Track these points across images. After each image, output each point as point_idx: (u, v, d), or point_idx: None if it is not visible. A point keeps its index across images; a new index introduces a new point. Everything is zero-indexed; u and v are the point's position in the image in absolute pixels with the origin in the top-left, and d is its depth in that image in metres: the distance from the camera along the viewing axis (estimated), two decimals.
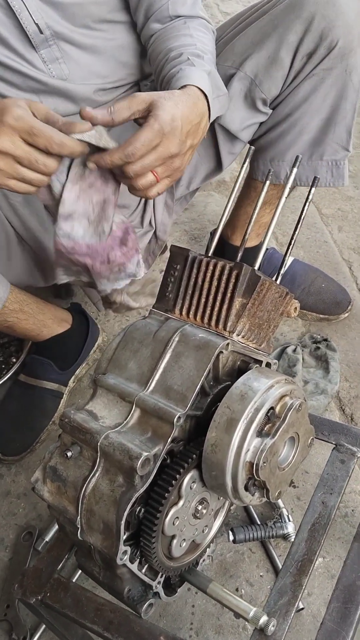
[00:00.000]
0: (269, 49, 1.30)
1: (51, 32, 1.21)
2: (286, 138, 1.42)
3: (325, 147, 1.42)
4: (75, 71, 1.28)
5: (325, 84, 1.33)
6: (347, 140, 1.42)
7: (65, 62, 1.25)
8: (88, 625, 0.89)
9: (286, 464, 0.86)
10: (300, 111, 1.38)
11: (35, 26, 1.19)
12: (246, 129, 1.42)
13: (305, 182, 1.47)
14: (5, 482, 1.50)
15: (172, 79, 1.15)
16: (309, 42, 1.26)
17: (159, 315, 0.92)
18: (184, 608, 1.23)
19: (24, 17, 1.17)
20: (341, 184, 1.48)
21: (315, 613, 1.20)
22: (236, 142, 1.46)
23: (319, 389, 1.56)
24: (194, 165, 1.53)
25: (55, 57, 1.24)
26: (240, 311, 0.86)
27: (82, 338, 1.68)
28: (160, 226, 1.61)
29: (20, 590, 0.96)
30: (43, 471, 0.85)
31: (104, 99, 1.35)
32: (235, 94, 1.36)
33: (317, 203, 2.24)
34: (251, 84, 1.34)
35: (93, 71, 1.30)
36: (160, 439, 0.79)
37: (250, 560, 1.29)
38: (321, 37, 1.25)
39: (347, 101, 1.36)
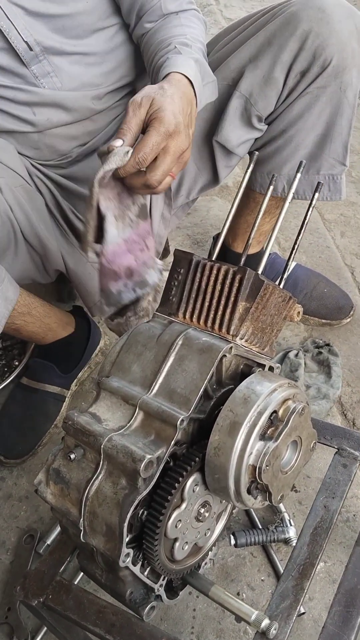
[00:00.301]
0: (263, 68, 1.31)
1: (41, 48, 1.22)
2: (282, 153, 1.43)
3: (322, 162, 1.43)
4: (68, 82, 1.29)
5: (319, 101, 1.32)
6: (343, 155, 1.42)
7: (57, 75, 1.27)
8: (90, 627, 0.89)
9: (289, 467, 0.87)
10: (296, 128, 1.38)
11: (25, 44, 1.21)
12: (242, 145, 1.43)
13: (302, 195, 1.47)
14: (7, 485, 1.50)
15: (160, 67, 1.16)
16: (303, 61, 1.26)
17: (162, 318, 0.92)
18: (185, 612, 1.23)
19: (13, 36, 1.19)
20: (338, 198, 1.49)
21: (317, 617, 1.20)
22: (233, 157, 1.47)
23: (321, 393, 1.56)
24: (192, 178, 1.54)
25: (47, 72, 1.26)
26: (244, 315, 0.87)
27: (84, 341, 1.69)
28: (156, 237, 1.61)
29: (22, 592, 0.96)
30: (46, 473, 0.85)
31: (100, 106, 1.36)
32: (231, 112, 1.36)
33: (320, 208, 2.25)
34: (246, 102, 1.35)
35: (86, 81, 1.31)
36: (164, 442, 0.79)
37: (252, 565, 1.29)
38: (314, 56, 1.25)
39: (343, 117, 1.35)
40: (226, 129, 1.38)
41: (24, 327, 1.46)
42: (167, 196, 1.55)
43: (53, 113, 1.30)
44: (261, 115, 1.36)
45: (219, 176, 1.53)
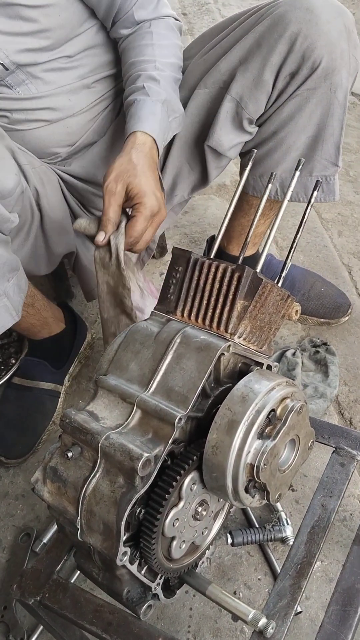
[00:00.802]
0: (253, 71, 1.30)
1: (16, 65, 1.23)
2: (273, 156, 1.42)
3: (314, 164, 1.41)
4: (43, 87, 1.29)
5: (310, 103, 1.31)
6: (335, 156, 1.41)
7: (32, 82, 1.27)
8: (86, 626, 0.89)
9: (287, 466, 0.87)
10: (286, 130, 1.37)
11: (1, 66, 1.21)
12: (233, 148, 1.42)
13: (295, 198, 1.47)
14: (4, 484, 1.49)
15: (128, 110, 1.25)
16: (292, 63, 1.25)
17: (160, 316, 0.92)
18: (181, 611, 1.22)
19: None
20: (332, 199, 1.48)
21: (313, 617, 1.20)
22: (223, 159, 1.47)
23: (318, 392, 1.56)
24: (185, 179, 1.54)
25: (21, 80, 1.26)
26: (242, 313, 0.86)
27: (73, 336, 1.69)
28: None
29: (18, 591, 0.96)
30: (43, 471, 0.85)
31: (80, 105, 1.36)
32: (223, 116, 1.35)
33: (317, 207, 2.25)
34: (237, 106, 1.34)
35: (62, 83, 1.31)
36: (161, 440, 0.79)
37: (249, 564, 1.29)
38: (304, 57, 1.23)
39: (334, 118, 1.34)
40: (217, 132, 1.37)
41: (24, 319, 1.45)
42: None
43: (30, 114, 1.30)
44: (252, 118, 1.36)
45: (209, 177, 1.53)
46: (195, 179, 1.55)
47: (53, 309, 1.62)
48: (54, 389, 1.64)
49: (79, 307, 1.89)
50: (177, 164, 1.51)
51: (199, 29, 3.51)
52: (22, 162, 1.29)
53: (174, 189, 1.55)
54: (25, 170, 1.30)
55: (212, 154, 1.44)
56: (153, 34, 1.28)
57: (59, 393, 1.65)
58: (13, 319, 1.19)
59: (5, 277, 1.15)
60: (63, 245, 1.46)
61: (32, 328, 1.54)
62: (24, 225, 1.32)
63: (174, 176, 1.53)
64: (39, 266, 1.46)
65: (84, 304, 1.92)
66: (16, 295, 1.20)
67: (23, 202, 1.25)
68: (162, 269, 1.99)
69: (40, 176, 1.35)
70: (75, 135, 1.39)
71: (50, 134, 1.36)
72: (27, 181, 1.31)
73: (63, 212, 1.43)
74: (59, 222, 1.41)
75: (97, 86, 1.39)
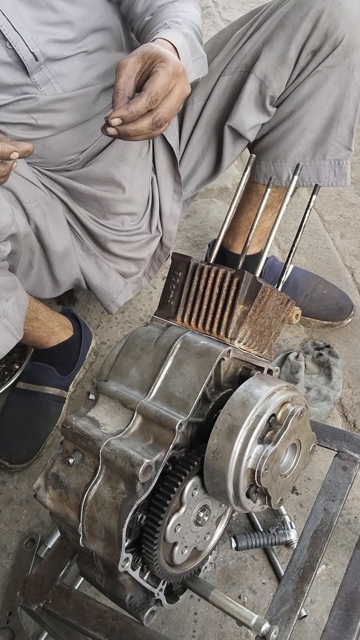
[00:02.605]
0: (278, 49, 1.33)
1: (45, 57, 1.23)
2: (289, 137, 1.43)
3: (328, 147, 1.43)
4: (68, 86, 1.29)
5: (328, 81, 1.34)
6: (349, 139, 1.43)
7: (57, 81, 1.27)
8: (90, 632, 0.89)
9: (288, 470, 0.86)
10: (304, 109, 1.39)
11: (32, 55, 1.22)
12: (253, 129, 1.44)
13: (307, 182, 1.48)
14: (8, 489, 1.50)
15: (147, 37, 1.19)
16: (315, 40, 1.29)
17: (160, 322, 0.92)
18: (186, 615, 1.22)
19: (21, 48, 1.20)
20: (344, 183, 1.49)
21: (318, 620, 1.20)
22: (239, 143, 1.48)
23: (322, 395, 1.55)
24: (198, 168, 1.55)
25: (47, 79, 1.26)
26: (242, 318, 0.86)
27: (79, 342, 1.69)
28: (166, 233, 1.63)
29: (22, 597, 0.96)
30: (45, 478, 0.85)
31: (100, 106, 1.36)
32: (246, 95, 1.38)
33: (320, 209, 2.25)
34: (261, 85, 1.37)
35: (85, 82, 1.32)
36: (162, 446, 0.79)
37: (253, 568, 1.29)
38: (326, 35, 1.27)
39: (350, 99, 1.37)
40: (240, 112, 1.40)
41: (30, 333, 1.48)
42: (175, 192, 1.56)
43: (54, 117, 1.31)
44: (275, 95, 1.38)
45: (222, 165, 1.54)
46: (206, 171, 1.57)
47: (59, 318, 1.62)
48: (59, 394, 1.64)
49: (82, 312, 1.89)
50: (196, 155, 1.53)
51: None
52: (24, 199, 1.31)
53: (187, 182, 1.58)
54: (27, 208, 1.32)
55: (231, 136, 1.46)
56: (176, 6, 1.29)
57: (64, 399, 1.65)
58: (15, 338, 1.22)
59: (3, 297, 1.18)
60: (66, 272, 1.49)
61: (39, 340, 1.56)
62: (26, 258, 1.36)
63: (191, 168, 1.55)
64: (44, 290, 1.50)
65: (87, 309, 1.92)
66: (16, 314, 1.22)
67: (24, 242, 1.28)
68: (164, 273, 1.99)
69: (42, 208, 1.37)
70: (92, 137, 1.40)
71: (70, 138, 1.37)
72: (28, 219, 1.33)
73: (65, 241, 1.45)
74: (60, 252, 1.43)
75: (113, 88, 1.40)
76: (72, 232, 1.50)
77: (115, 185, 1.47)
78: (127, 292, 1.65)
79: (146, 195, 1.55)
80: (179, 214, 1.62)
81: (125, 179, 1.46)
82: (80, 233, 1.51)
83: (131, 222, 1.55)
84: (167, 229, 1.62)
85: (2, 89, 1.24)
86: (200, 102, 1.46)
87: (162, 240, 1.64)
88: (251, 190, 1.61)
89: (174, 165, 1.53)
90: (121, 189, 1.47)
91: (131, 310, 1.91)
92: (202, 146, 1.51)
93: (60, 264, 1.45)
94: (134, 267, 1.63)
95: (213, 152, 1.52)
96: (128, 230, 1.56)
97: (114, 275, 1.59)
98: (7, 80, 1.23)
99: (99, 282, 1.57)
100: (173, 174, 1.54)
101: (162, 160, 1.52)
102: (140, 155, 1.48)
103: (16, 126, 1.29)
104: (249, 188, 1.62)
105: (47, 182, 1.42)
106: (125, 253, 1.58)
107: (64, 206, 1.46)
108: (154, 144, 1.52)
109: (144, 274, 1.70)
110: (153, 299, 1.92)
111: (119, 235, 1.54)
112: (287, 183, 1.47)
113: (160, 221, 1.61)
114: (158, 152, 1.52)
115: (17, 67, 1.22)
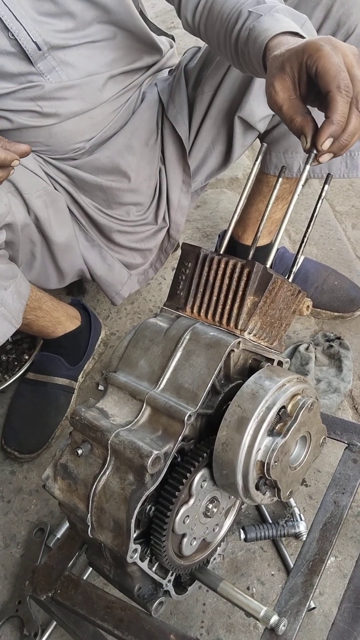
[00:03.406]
0: None
1: (48, 46, 1.22)
2: None
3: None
4: (73, 74, 1.29)
5: None
6: None
7: (62, 69, 1.27)
8: (98, 622, 0.89)
9: (297, 463, 0.86)
10: None
11: (34, 44, 1.21)
12: (263, 120, 1.42)
13: (319, 174, 1.46)
14: (18, 479, 1.50)
15: (248, 43, 0.98)
16: (327, 29, 1.27)
17: (170, 313, 0.92)
18: (195, 606, 1.22)
19: (23, 37, 1.20)
20: (355, 174, 1.47)
21: (327, 612, 1.19)
22: (249, 134, 1.46)
23: (332, 387, 1.55)
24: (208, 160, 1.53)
25: (52, 67, 1.26)
26: (252, 309, 0.86)
27: (88, 333, 1.69)
28: (173, 225, 1.62)
29: (31, 587, 0.96)
30: (54, 468, 0.85)
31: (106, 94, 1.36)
32: (257, 85, 1.36)
33: (331, 200, 2.23)
34: None
35: (91, 70, 1.31)
36: (171, 438, 0.79)
37: (262, 559, 1.29)
38: (339, 24, 1.25)
39: None
40: (250, 102, 1.38)
41: (34, 322, 1.48)
42: (184, 183, 1.55)
43: (60, 105, 1.30)
44: None
45: (232, 156, 1.52)
46: (216, 162, 1.55)
47: (65, 308, 1.62)
48: (68, 384, 1.64)
49: (91, 303, 1.89)
50: (205, 145, 1.52)
51: None
52: (24, 190, 1.31)
53: (197, 173, 1.56)
54: (27, 199, 1.32)
55: (241, 126, 1.44)
56: None
57: (73, 389, 1.65)
58: (13, 326, 1.23)
59: (2, 286, 1.18)
60: (69, 262, 1.49)
61: (44, 329, 1.56)
62: (27, 249, 1.36)
63: (201, 159, 1.53)
64: (49, 281, 1.50)
65: (97, 300, 1.92)
66: (15, 302, 1.22)
67: (22, 232, 1.28)
68: (174, 264, 1.98)
69: (43, 199, 1.37)
70: (99, 125, 1.40)
71: (76, 126, 1.36)
72: (28, 210, 1.33)
73: (67, 232, 1.45)
74: (62, 243, 1.43)
75: (121, 77, 1.39)
76: (76, 222, 1.49)
77: (121, 174, 1.46)
78: (131, 284, 1.64)
79: (153, 186, 1.54)
80: (187, 206, 1.60)
81: (132, 169, 1.45)
82: (85, 223, 1.50)
83: (137, 212, 1.55)
84: (174, 220, 1.61)
85: (8, 77, 1.23)
86: (210, 93, 1.44)
87: (169, 231, 1.63)
88: (261, 182, 1.59)
89: (183, 156, 1.52)
90: (127, 179, 1.47)
91: (141, 301, 1.90)
92: (211, 137, 1.49)
93: (62, 254, 1.45)
94: (139, 258, 1.62)
95: (223, 142, 1.50)
96: (133, 221, 1.55)
97: (118, 267, 1.58)
98: (12, 69, 1.23)
99: (103, 273, 1.56)
100: (182, 164, 1.53)
101: (171, 150, 1.51)
102: (148, 145, 1.47)
103: (23, 113, 1.28)
104: (259, 179, 1.60)
105: (51, 171, 1.42)
106: (130, 244, 1.57)
107: (68, 196, 1.46)
108: (163, 134, 1.50)
109: (150, 265, 1.70)
110: (162, 290, 1.92)
111: (124, 226, 1.54)
112: (298, 174, 1.45)
113: (168, 212, 1.59)
114: (167, 143, 1.50)
115: (20, 56, 1.22)
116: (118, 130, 1.43)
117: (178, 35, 1.89)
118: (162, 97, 1.47)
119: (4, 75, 1.23)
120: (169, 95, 1.46)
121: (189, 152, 1.51)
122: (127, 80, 1.41)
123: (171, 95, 1.46)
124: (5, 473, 1.52)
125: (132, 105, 1.46)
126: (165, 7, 3.45)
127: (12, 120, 1.29)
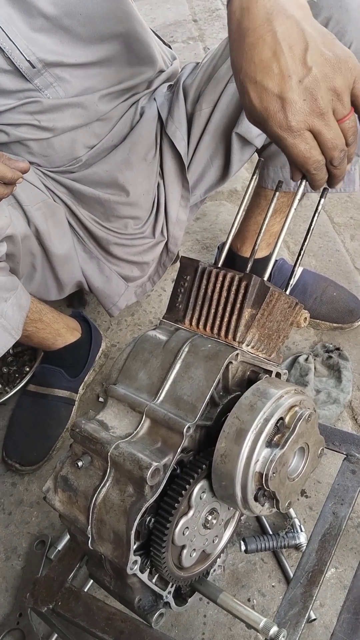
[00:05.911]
0: None
1: (43, 64, 1.24)
2: None
3: None
4: (71, 90, 1.30)
5: None
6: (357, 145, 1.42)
7: (60, 85, 1.28)
8: (99, 634, 0.89)
9: (296, 474, 0.86)
10: None
11: (28, 62, 1.23)
12: (260, 136, 1.43)
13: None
14: (19, 491, 1.51)
15: None
16: None
17: (169, 325, 0.93)
18: (195, 618, 1.23)
19: (16, 56, 1.21)
20: (352, 189, 1.49)
21: (328, 624, 1.19)
22: (247, 150, 1.47)
23: (331, 398, 1.55)
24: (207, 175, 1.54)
25: (49, 83, 1.27)
26: (250, 322, 0.87)
27: (89, 344, 1.70)
28: (172, 239, 1.63)
29: (31, 599, 0.96)
30: (54, 481, 0.86)
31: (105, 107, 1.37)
32: None
33: (330, 212, 2.24)
34: None
35: (88, 86, 1.32)
36: (170, 449, 0.80)
37: (262, 571, 1.29)
38: None
39: None
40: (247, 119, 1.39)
41: (35, 334, 1.49)
42: (183, 198, 1.57)
43: (57, 119, 1.32)
44: None
45: (230, 171, 1.53)
46: (215, 176, 1.56)
47: (65, 320, 1.63)
48: (69, 396, 1.65)
49: (92, 315, 1.90)
50: (204, 160, 1.53)
51: (209, 34, 3.52)
52: (24, 202, 1.33)
53: (195, 187, 1.57)
54: (27, 211, 1.33)
55: (238, 143, 1.45)
56: None
57: (74, 401, 1.66)
58: (13, 338, 1.23)
59: (2, 297, 1.19)
60: (68, 274, 1.50)
61: (45, 341, 1.57)
62: (28, 261, 1.38)
63: (199, 174, 1.55)
64: (49, 293, 1.52)
65: (97, 312, 1.93)
66: (15, 314, 1.23)
67: (23, 244, 1.30)
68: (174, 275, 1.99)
69: (43, 211, 1.38)
70: (96, 137, 1.41)
71: (74, 139, 1.38)
72: (29, 222, 1.35)
73: (66, 244, 1.46)
74: (61, 255, 1.45)
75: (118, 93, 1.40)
76: (75, 234, 1.51)
77: (119, 188, 1.48)
78: (128, 296, 1.66)
79: (151, 200, 1.56)
80: (185, 220, 1.62)
81: (130, 183, 1.47)
82: (83, 235, 1.52)
83: (134, 225, 1.56)
84: (172, 234, 1.62)
85: (6, 94, 1.25)
86: (208, 109, 1.46)
87: (167, 245, 1.64)
88: (259, 195, 1.61)
89: (182, 171, 1.53)
90: (125, 193, 1.48)
91: (141, 313, 1.91)
92: (210, 152, 1.51)
93: (62, 266, 1.46)
94: (137, 271, 1.64)
95: (221, 157, 1.52)
96: (131, 234, 1.56)
97: (116, 279, 1.60)
98: (10, 86, 1.24)
99: (100, 285, 1.58)
100: (181, 179, 1.55)
101: (170, 165, 1.53)
102: (146, 160, 1.49)
103: (21, 127, 1.30)
104: (257, 193, 1.62)
105: (50, 184, 1.43)
106: (128, 256, 1.59)
107: (66, 209, 1.47)
108: (162, 149, 1.52)
109: (148, 278, 1.71)
110: (163, 302, 1.93)
111: (122, 239, 1.55)
112: (294, 188, 1.47)
113: (166, 226, 1.61)
114: (166, 158, 1.52)
115: (17, 74, 1.23)
116: (117, 144, 1.45)
117: (177, 49, 1.91)
118: (161, 113, 1.48)
119: (3, 92, 1.25)
120: (168, 112, 1.48)
121: (188, 167, 1.53)
122: (125, 95, 1.43)
123: (170, 111, 1.48)
124: (6, 485, 1.53)
125: (130, 119, 1.47)
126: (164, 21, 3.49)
127: (9, 134, 1.31)
